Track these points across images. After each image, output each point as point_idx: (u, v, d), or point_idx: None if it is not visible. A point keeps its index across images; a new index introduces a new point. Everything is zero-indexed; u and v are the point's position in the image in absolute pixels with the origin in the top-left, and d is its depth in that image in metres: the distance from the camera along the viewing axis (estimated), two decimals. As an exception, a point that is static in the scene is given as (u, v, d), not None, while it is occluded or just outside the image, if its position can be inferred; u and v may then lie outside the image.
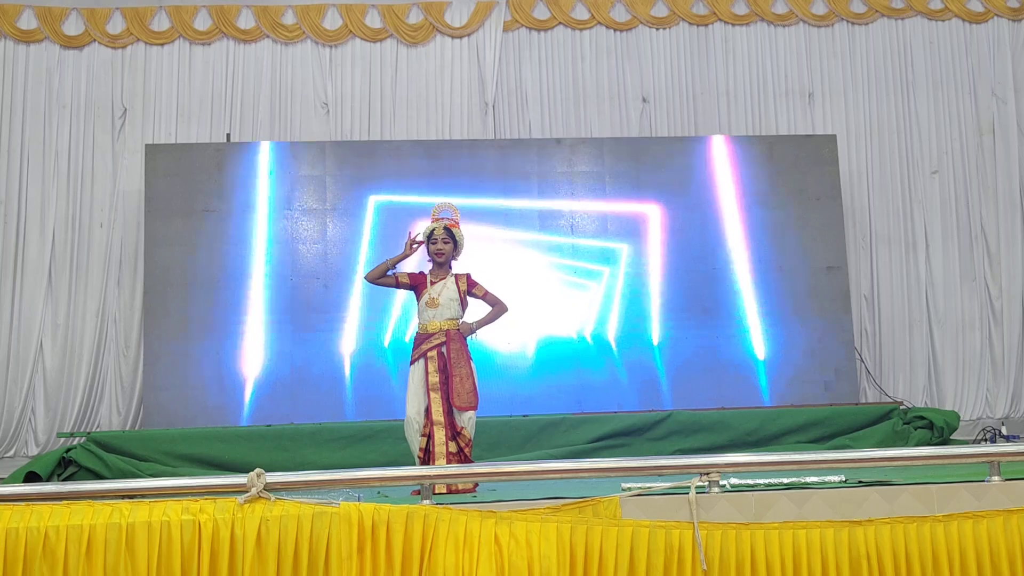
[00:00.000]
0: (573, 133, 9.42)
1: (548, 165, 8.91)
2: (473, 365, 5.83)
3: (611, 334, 8.73)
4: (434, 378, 5.72)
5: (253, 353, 8.46)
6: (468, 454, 5.73)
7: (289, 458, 7.30)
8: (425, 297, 5.86)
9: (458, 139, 9.25)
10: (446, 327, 5.81)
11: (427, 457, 5.70)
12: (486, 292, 5.96)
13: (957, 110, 9.81)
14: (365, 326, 8.55)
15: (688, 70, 9.73)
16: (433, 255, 5.95)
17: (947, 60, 9.88)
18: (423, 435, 5.72)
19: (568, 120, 9.53)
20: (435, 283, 5.89)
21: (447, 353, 5.75)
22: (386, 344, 8.53)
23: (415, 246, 5.93)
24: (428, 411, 5.73)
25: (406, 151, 8.92)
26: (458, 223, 6.00)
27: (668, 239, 8.87)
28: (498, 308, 5.96)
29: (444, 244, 5.90)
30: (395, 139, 9.23)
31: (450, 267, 5.98)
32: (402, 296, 8.02)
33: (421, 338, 5.85)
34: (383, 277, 5.96)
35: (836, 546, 3.65)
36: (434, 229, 5.92)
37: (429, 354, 5.76)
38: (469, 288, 5.93)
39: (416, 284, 5.94)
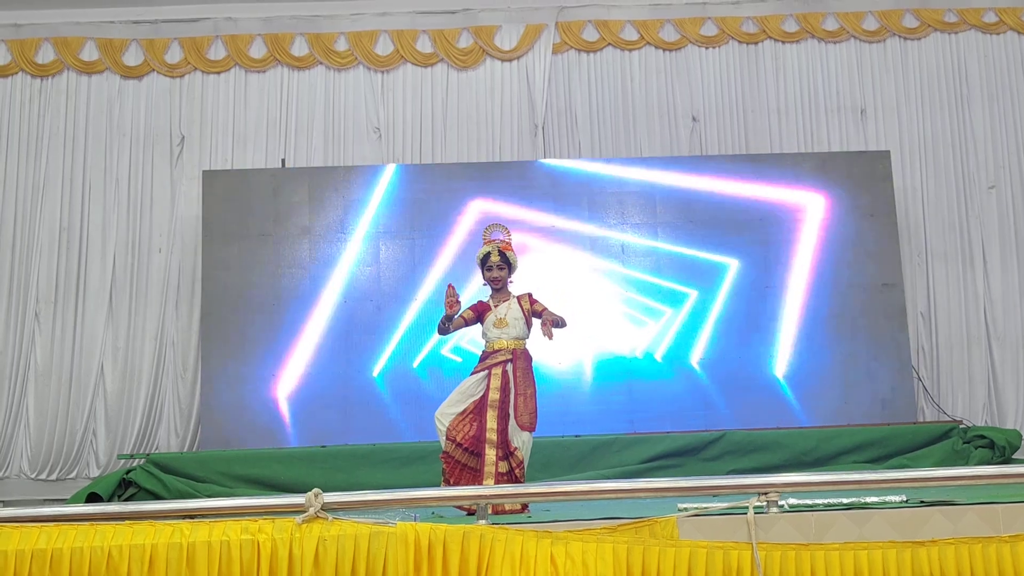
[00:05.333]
0: (623, 153, 9.42)
1: (598, 185, 8.92)
2: (536, 388, 5.78)
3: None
4: (495, 395, 5.66)
5: (309, 375, 8.54)
6: (520, 476, 5.64)
7: (344, 479, 7.35)
8: (491, 318, 5.82)
9: (508, 160, 9.30)
10: (513, 346, 5.78)
11: (476, 477, 5.65)
12: (544, 308, 5.84)
13: (1014, 123, 9.65)
14: (415, 347, 8.61)
15: (738, 88, 9.68)
16: (489, 282, 5.92)
17: (1002, 73, 9.74)
18: (448, 438, 5.66)
19: (618, 140, 9.54)
20: (499, 305, 5.87)
21: (513, 372, 5.72)
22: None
23: (455, 305, 5.72)
24: (479, 425, 5.65)
25: (457, 173, 8.99)
26: (510, 243, 5.95)
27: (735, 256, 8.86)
28: (561, 318, 5.81)
29: (499, 271, 5.87)
30: (446, 161, 9.31)
31: (508, 289, 5.95)
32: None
33: (487, 354, 5.82)
34: (449, 324, 5.86)
35: (899, 567, 3.58)
36: (488, 253, 5.89)
37: (494, 370, 5.72)
38: (532, 307, 5.85)
39: (481, 313, 5.90)
